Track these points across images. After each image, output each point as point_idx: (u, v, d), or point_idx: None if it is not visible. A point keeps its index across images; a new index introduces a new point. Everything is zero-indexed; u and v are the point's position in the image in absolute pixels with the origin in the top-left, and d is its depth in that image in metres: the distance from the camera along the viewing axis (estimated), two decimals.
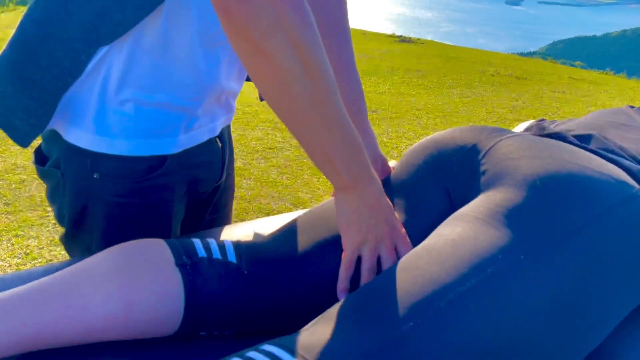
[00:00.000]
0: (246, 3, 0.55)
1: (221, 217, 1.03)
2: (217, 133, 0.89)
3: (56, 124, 0.78)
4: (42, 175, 0.84)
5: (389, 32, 10.20)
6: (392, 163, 0.87)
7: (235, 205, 2.86)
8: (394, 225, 0.68)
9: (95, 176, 0.78)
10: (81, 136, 0.77)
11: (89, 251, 0.85)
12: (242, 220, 2.70)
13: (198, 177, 0.89)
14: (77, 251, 0.87)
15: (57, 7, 0.69)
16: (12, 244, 2.21)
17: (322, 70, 0.59)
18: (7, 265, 2.09)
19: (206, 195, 0.95)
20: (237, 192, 2.96)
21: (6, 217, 2.45)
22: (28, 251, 2.16)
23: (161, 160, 0.81)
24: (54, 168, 0.81)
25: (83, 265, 0.64)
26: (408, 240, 0.68)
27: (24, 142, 0.75)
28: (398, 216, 0.73)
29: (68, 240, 0.87)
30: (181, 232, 0.95)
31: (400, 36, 9.52)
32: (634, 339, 0.69)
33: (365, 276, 0.66)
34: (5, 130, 0.75)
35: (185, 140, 0.83)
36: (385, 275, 0.58)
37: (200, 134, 0.85)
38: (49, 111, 0.73)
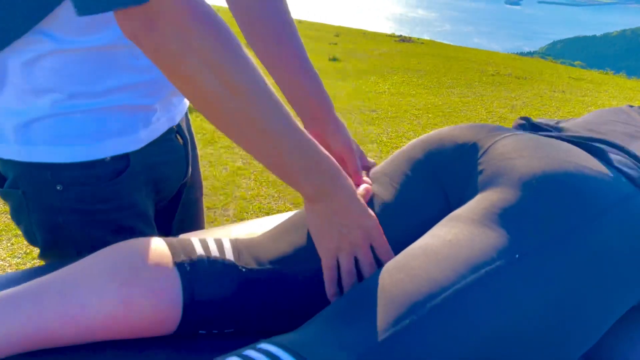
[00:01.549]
0: (152, 31, 0.54)
1: (192, 216, 1.03)
2: (176, 121, 0.89)
3: (4, 150, 0.76)
4: (2, 196, 0.82)
5: (388, 32, 10.21)
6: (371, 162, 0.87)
7: (235, 205, 2.86)
8: (368, 229, 0.66)
9: (58, 188, 0.77)
10: (36, 151, 0.75)
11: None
12: (242, 220, 2.69)
13: (162, 176, 0.88)
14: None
15: None
16: (12, 244, 2.21)
17: (249, 85, 0.58)
18: (7, 264, 2.09)
19: (173, 194, 0.95)
20: (237, 192, 2.96)
21: (6, 217, 2.45)
22: (28, 251, 2.16)
23: (124, 162, 0.80)
24: (13, 188, 0.79)
25: (81, 265, 0.64)
26: (385, 240, 0.67)
27: None
28: (391, 211, 0.72)
29: (46, 257, 0.85)
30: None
31: (400, 36, 9.53)
32: (634, 339, 0.69)
33: (346, 281, 0.66)
34: None
35: (146, 135, 0.82)
36: (381, 274, 0.58)
37: (159, 126, 0.84)
38: None
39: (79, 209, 0.79)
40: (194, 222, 1.04)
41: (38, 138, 0.75)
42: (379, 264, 0.66)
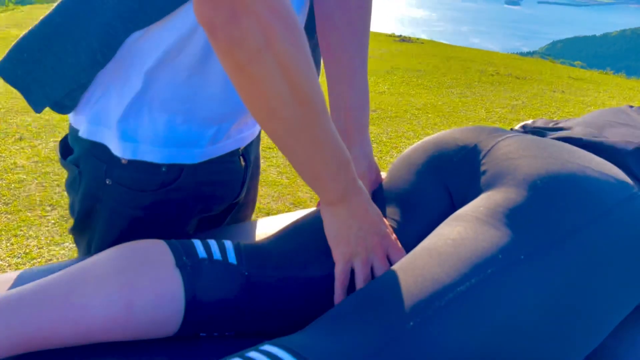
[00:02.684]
0: (233, 23, 0.52)
1: None
2: (243, 144, 0.87)
3: (79, 123, 0.78)
4: (63, 165, 0.85)
5: (388, 32, 10.20)
6: (383, 174, 0.86)
7: None
8: (384, 235, 0.67)
9: (107, 182, 0.78)
10: (99, 132, 0.77)
11: (89, 249, 0.86)
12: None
13: (214, 194, 0.86)
14: (81, 245, 0.88)
15: None
16: (12, 244, 2.21)
17: (312, 95, 0.58)
18: (7, 265, 2.09)
19: (222, 211, 0.93)
20: None
21: (5, 217, 2.45)
22: (27, 251, 2.16)
23: (177, 172, 0.79)
24: (74, 165, 0.81)
25: (83, 266, 0.64)
26: (400, 247, 0.68)
27: (36, 107, 0.76)
28: (398, 216, 0.73)
29: (74, 233, 0.88)
30: None
31: (400, 36, 9.52)
32: (634, 339, 0.69)
33: (361, 287, 0.65)
34: (22, 92, 0.75)
35: (209, 152, 0.81)
36: (385, 276, 0.58)
37: (226, 146, 0.83)
38: (65, 84, 0.73)
39: (117, 208, 0.80)
40: None
41: (107, 123, 0.76)
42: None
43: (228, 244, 0.71)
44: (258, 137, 0.96)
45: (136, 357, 0.64)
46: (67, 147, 0.84)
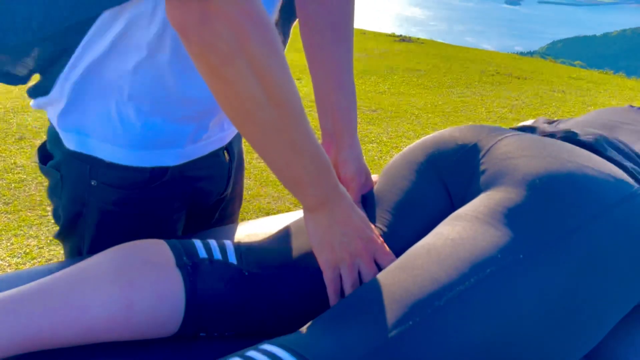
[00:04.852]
0: (205, 26, 0.51)
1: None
2: (225, 143, 0.87)
3: (60, 130, 0.77)
4: (43, 172, 0.84)
5: (388, 32, 10.20)
6: (374, 177, 0.86)
7: None
8: (369, 239, 0.66)
9: (93, 183, 0.77)
10: (83, 141, 0.76)
11: (79, 253, 0.85)
12: (242, 220, 2.69)
13: (201, 190, 0.87)
14: (69, 250, 0.87)
15: None
16: (12, 244, 2.21)
17: (288, 97, 0.57)
18: (7, 264, 2.09)
19: (209, 206, 0.94)
20: None
21: (5, 217, 2.45)
22: (27, 250, 2.16)
23: (162, 172, 0.79)
24: (55, 169, 0.80)
25: (83, 266, 0.64)
26: (388, 250, 0.67)
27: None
28: (395, 216, 0.72)
29: (61, 238, 0.87)
30: None
31: (400, 36, 9.52)
32: (634, 339, 0.69)
33: (349, 292, 0.65)
34: None
35: (191, 152, 0.81)
36: (384, 275, 0.58)
37: (208, 145, 0.83)
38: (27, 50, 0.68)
39: (105, 209, 0.79)
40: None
41: (88, 129, 0.75)
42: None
43: (228, 243, 0.71)
44: (240, 136, 0.96)
45: (136, 357, 0.64)
46: (46, 153, 0.83)
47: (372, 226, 0.68)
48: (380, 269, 0.66)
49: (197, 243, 0.69)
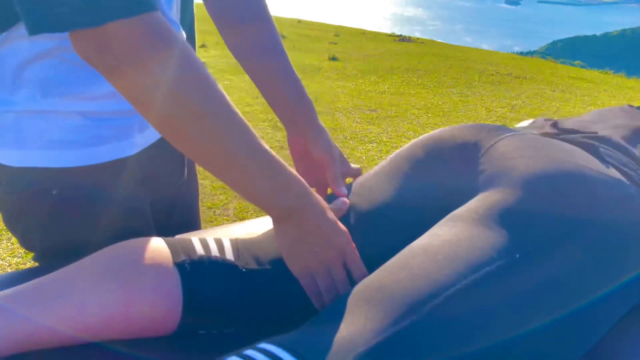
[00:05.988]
0: (105, 53, 0.52)
1: (189, 222, 1.02)
2: None
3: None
4: None
5: (388, 32, 10.21)
6: (354, 166, 0.86)
7: (235, 204, 2.86)
8: (340, 246, 0.64)
9: (54, 192, 0.75)
10: (25, 156, 0.73)
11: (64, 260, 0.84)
12: (242, 219, 2.69)
13: (158, 175, 0.87)
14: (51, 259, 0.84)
15: None
16: (12, 243, 2.21)
17: (209, 109, 0.55)
18: (7, 264, 2.09)
19: (169, 196, 0.94)
20: None
21: None
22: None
23: (120, 165, 0.78)
24: (7, 194, 0.77)
25: (82, 265, 0.64)
26: (358, 257, 0.65)
27: None
28: (392, 215, 0.72)
29: (42, 262, 0.84)
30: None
31: (400, 35, 9.53)
32: (634, 339, 0.69)
33: (327, 298, 0.64)
34: None
35: (142, 140, 0.80)
36: (381, 274, 0.58)
37: (155, 131, 0.81)
38: None
39: (76, 212, 0.78)
40: (190, 224, 1.03)
41: (30, 143, 0.73)
42: (352, 281, 0.64)
43: (226, 241, 0.71)
44: None
45: (135, 356, 0.64)
46: None
47: (345, 230, 0.66)
48: (351, 278, 0.64)
49: (195, 240, 0.69)
